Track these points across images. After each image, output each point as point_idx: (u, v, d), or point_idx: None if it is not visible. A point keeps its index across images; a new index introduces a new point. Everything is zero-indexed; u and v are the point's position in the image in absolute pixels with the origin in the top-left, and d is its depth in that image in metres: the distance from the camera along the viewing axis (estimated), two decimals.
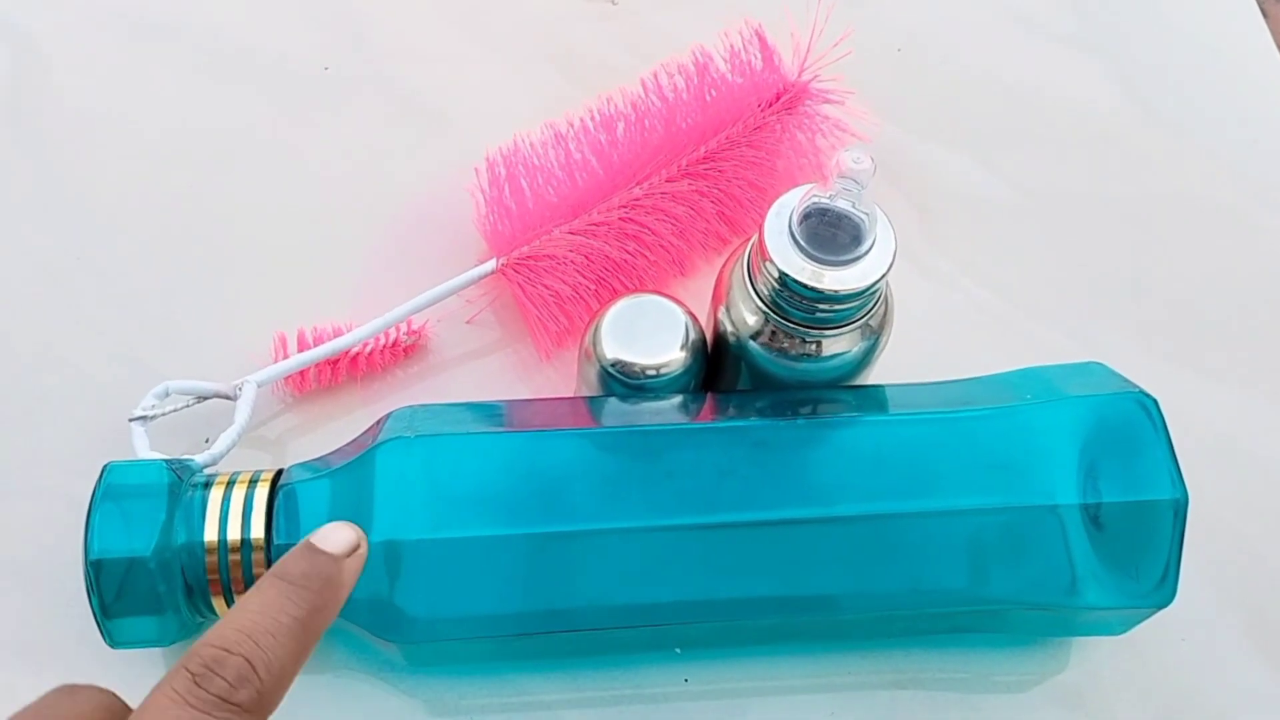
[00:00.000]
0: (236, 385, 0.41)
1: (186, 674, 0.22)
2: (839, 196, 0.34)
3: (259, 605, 0.24)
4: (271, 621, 0.24)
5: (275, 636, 0.23)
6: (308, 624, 0.24)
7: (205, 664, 0.22)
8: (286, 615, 0.24)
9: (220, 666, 0.22)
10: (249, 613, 0.24)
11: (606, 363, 0.39)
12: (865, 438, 0.38)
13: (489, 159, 0.45)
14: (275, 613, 0.24)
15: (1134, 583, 0.36)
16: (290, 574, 0.25)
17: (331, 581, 0.25)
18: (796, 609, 0.37)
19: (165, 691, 0.22)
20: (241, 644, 0.23)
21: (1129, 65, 0.55)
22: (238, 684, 0.22)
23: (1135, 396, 0.37)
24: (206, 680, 0.22)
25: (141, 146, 0.49)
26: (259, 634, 0.23)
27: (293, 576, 0.25)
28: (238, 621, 0.24)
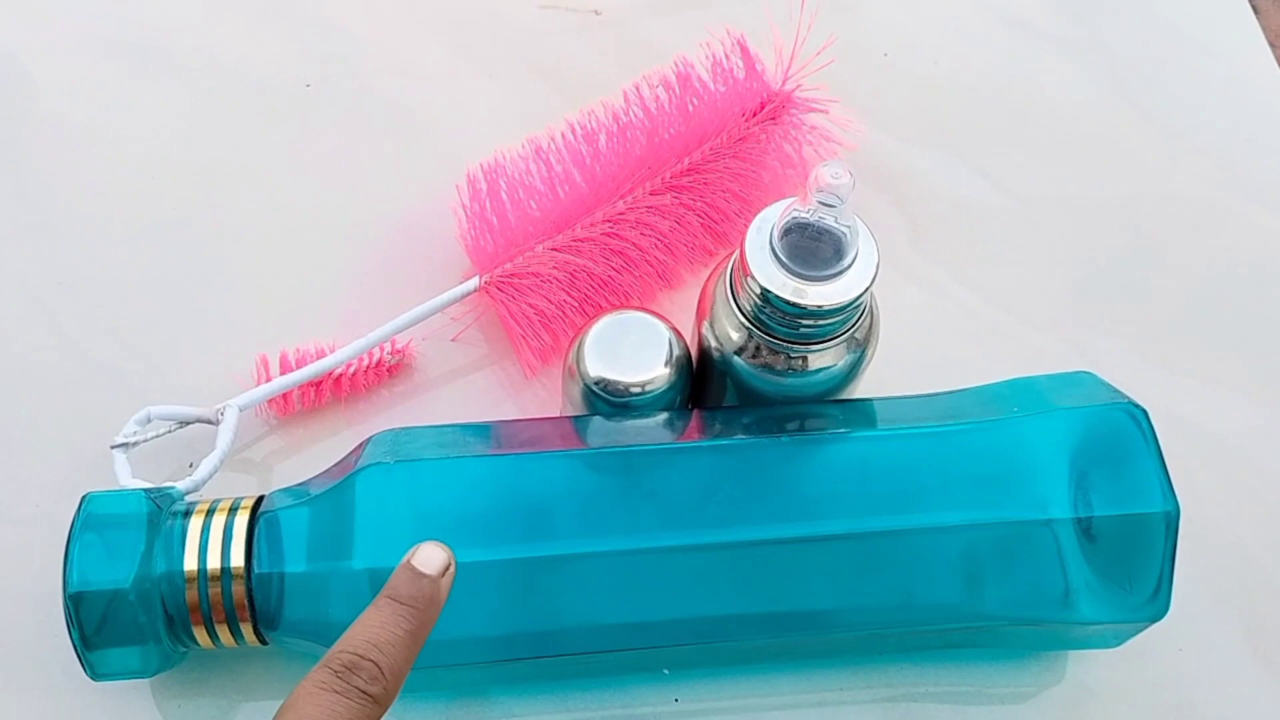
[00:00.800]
0: (219, 410, 0.41)
1: (329, 670, 0.27)
2: (818, 211, 0.34)
3: (378, 621, 0.29)
4: (390, 634, 0.29)
5: (395, 647, 0.28)
6: (416, 636, 0.29)
7: (344, 665, 0.28)
8: (401, 629, 0.29)
9: (357, 668, 0.28)
10: (372, 627, 0.29)
11: (590, 381, 0.39)
12: (853, 454, 0.38)
13: (470, 175, 0.44)
14: (392, 627, 0.29)
15: (1127, 596, 0.35)
16: (400, 595, 0.30)
17: (432, 600, 0.30)
18: (786, 628, 0.36)
19: (313, 681, 0.27)
20: (370, 651, 0.28)
21: (1119, 65, 0.54)
22: (371, 682, 0.27)
23: (1125, 407, 0.36)
24: (347, 676, 0.27)
25: (123, 167, 0.49)
26: (382, 644, 0.28)
27: (403, 597, 0.30)
28: (364, 634, 0.29)
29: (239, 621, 0.35)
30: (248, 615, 0.35)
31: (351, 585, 0.34)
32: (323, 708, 0.27)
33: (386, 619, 0.29)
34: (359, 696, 0.27)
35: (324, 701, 0.27)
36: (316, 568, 0.35)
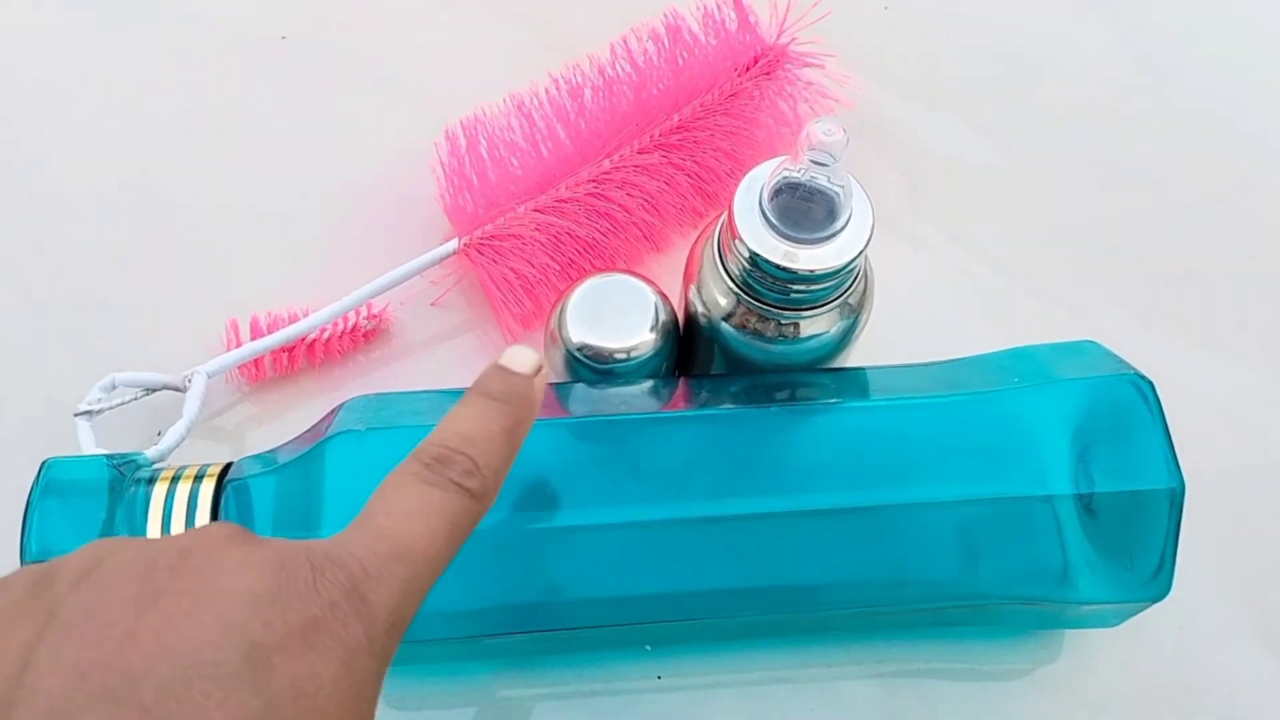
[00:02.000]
0: (186, 376, 0.39)
1: (419, 463, 0.25)
2: (810, 171, 0.32)
3: (471, 416, 0.26)
4: (484, 428, 0.26)
5: (489, 441, 0.26)
6: (512, 433, 0.26)
7: (434, 458, 0.25)
8: (495, 424, 0.26)
9: (448, 461, 0.25)
10: (464, 420, 0.26)
11: (572, 346, 0.38)
12: (846, 425, 0.36)
13: (449, 131, 0.43)
14: (485, 422, 0.26)
15: (1128, 575, 0.34)
16: (492, 391, 0.27)
17: (526, 399, 0.27)
18: (775, 605, 0.35)
19: (401, 472, 0.25)
20: (463, 445, 0.25)
21: (1127, 21, 0.52)
22: (466, 475, 0.25)
23: (1131, 379, 0.35)
24: (438, 468, 0.25)
25: (88, 124, 0.47)
26: (476, 438, 0.26)
27: (494, 393, 0.27)
28: (455, 428, 0.26)
29: None
30: None
31: None
32: (415, 498, 0.24)
33: (478, 414, 0.26)
34: (454, 489, 0.25)
35: (417, 492, 0.24)
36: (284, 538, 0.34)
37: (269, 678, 0.20)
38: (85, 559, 0.22)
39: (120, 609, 0.21)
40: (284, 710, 0.20)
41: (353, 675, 0.21)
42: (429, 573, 0.24)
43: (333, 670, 0.21)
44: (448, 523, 0.24)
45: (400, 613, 0.23)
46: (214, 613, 0.21)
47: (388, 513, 0.24)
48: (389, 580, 0.23)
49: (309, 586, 0.22)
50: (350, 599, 0.22)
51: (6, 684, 0.20)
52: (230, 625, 0.21)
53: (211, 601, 0.21)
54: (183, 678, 0.20)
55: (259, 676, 0.20)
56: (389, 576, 0.23)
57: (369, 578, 0.23)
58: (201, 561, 0.22)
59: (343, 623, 0.22)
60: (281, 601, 0.21)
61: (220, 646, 0.20)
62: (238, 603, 0.21)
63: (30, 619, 0.21)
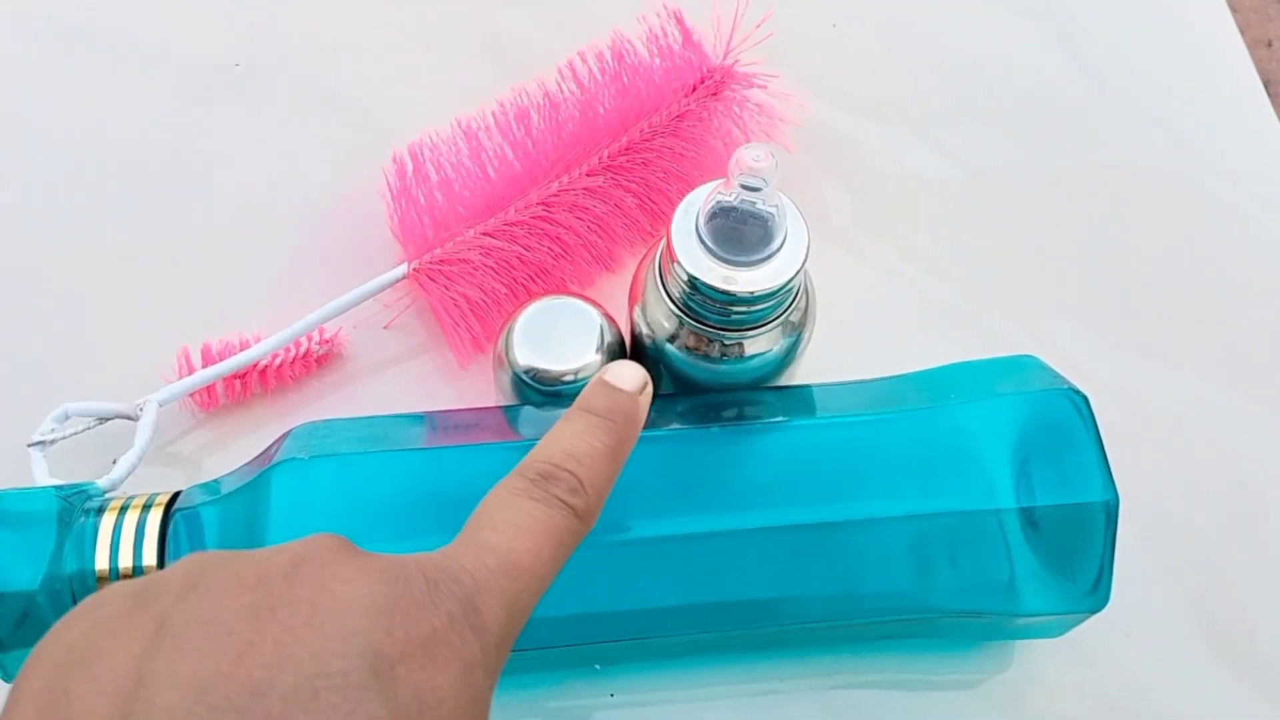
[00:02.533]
0: (138, 405, 0.40)
1: (524, 479, 0.25)
2: (742, 195, 0.32)
3: (574, 433, 0.26)
4: (588, 446, 0.26)
5: (594, 459, 0.26)
6: (616, 452, 0.26)
7: (539, 474, 0.25)
8: (600, 442, 0.26)
9: (554, 478, 0.25)
10: (568, 438, 0.26)
11: (519, 369, 0.38)
12: (791, 443, 0.37)
13: (396, 156, 0.43)
14: (590, 439, 0.26)
15: (1069, 586, 0.34)
16: (596, 408, 0.27)
17: (630, 417, 0.27)
18: (723, 622, 0.36)
19: (506, 488, 0.24)
20: (567, 462, 0.25)
21: (1076, 32, 0.53)
22: (571, 493, 0.25)
23: (1065, 393, 0.35)
24: (544, 484, 0.25)
25: (37, 151, 0.47)
26: (580, 455, 0.25)
27: (599, 410, 0.27)
28: (560, 445, 0.26)
29: None
30: None
31: None
32: (521, 514, 0.24)
33: (582, 430, 0.26)
34: (560, 506, 0.24)
35: (522, 508, 0.24)
36: None
37: (394, 688, 0.20)
38: (189, 571, 0.22)
39: (236, 619, 0.20)
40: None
41: (470, 689, 0.21)
42: (536, 588, 0.24)
43: (452, 682, 0.21)
44: (553, 540, 0.24)
45: (510, 627, 0.23)
46: (336, 622, 0.20)
47: (494, 527, 0.24)
48: (499, 594, 0.23)
49: (425, 598, 0.22)
50: (466, 612, 0.22)
51: (122, 699, 0.19)
52: (353, 634, 0.20)
53: (332, 610, 0.21)
54: (309, 688, 0.19)
55: (384, 687, 0.20)
56: (499, 590, 0.23)
57: (481, 591, 0.22)
58: (315, 571, 0.22)
59: (460, 635, 0.21)
60: (401, 611, 0.21)
61: (345, 656, 0.20)
62: (359, 612, 0.21)
63: (137, 631, 0.21)
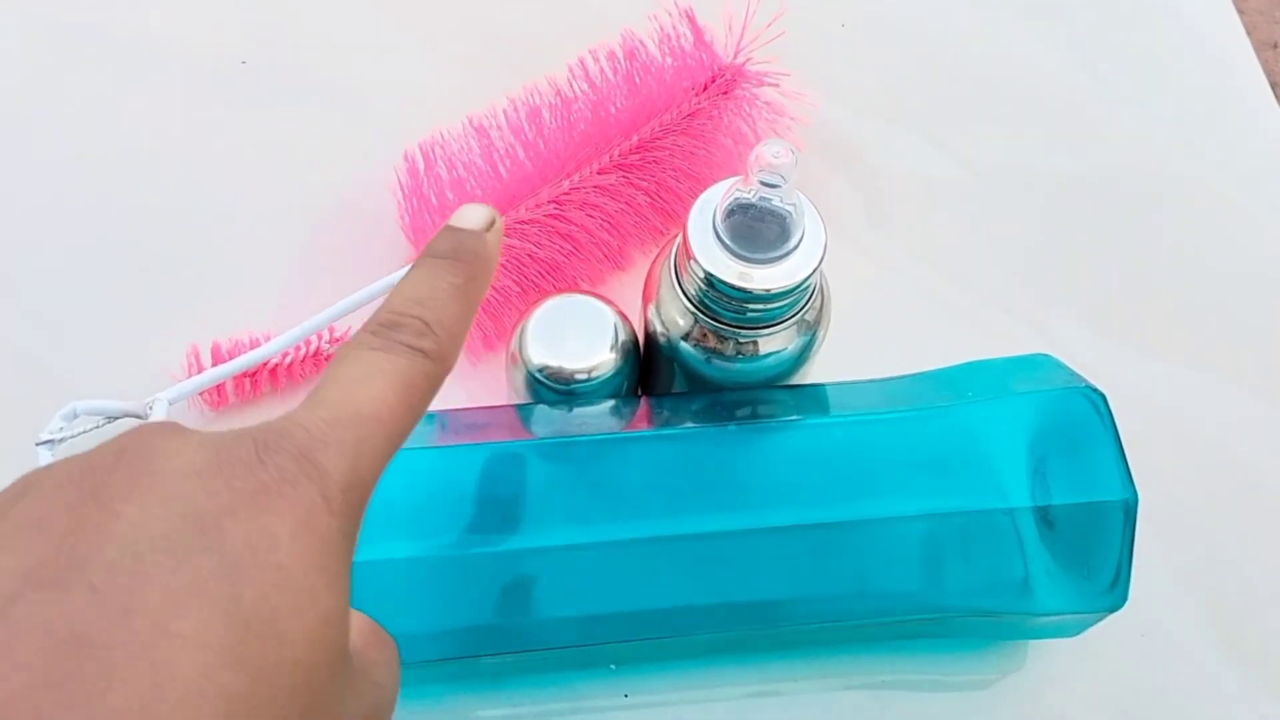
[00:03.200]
0: (147, 404, 0.39)
1: (367, 333, 0.24)
2: (760, 192, 0.32)
3: (417, 277, 0.26)
4: (431, 288, 0.25)
5: (439, 300, 0.25)
6: (465, 289, 0.26)
7: (383, 324, 0.24)
8: (444, 282, 0.25)
9: (398, 325, 0.24)
10: (410, 283, 0.26)
11: (533, 368, 0.38)
12: (806, 441, 0.36)
13: (408, 154, 0.43)
14: (433, 281, 0.25)
15: (1086, 585, 0.34)
16: (438, 250, 0.26)
17: (477, 253, 0.27)
18: (737, 621, 0.35)
19: (350, 345, 0.24)
20: (411, 308, 0.25)
21: (1085, 34, 0.53)
22: (418, 336, 0.24)
23: (1083, 391, 0.35)
24: (386, 333, 0.24)
25: (45, 148, 0.47)
26: (425, 299, 0.25)
27: (441, 252, 0.26)
28: (402, 293, 0.25)
29: None
30: None
31: None
32: (363, 365, 0.23)
33: (426, 274, 0.26)
34: (404, 350, 0.24)
35: (364, 359, 0.23)
36: None
37: (221, 539, 0.20)
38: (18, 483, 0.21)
39: (59, 512, 0.20)
40: (244, 568, 0.20)
41: (313, 533, 0.21)
42: (383, 435, 0.23)
43: (289, 528, 0.20)
44: (401, 385, 0.23)
45: (355, 473, 0.22)
46: (154, 491, 0.20)
47: (333, 383, 0.23)
48: (338, 445, 0.22)
49: (252, 457, 0.21)
50: (298, 462, 0.21)
51: None
52: (173, 498, 0.20)
53: (151, 483, 0.20)
54: (131, 553, 0.19)
55: (210, 540, 0.20)
56: (337, 441, 0.22)
57: (315, 442, 0.22)
58: (138, 452, 0.21)
59: (292, 484, 0.21)
60: (225, 471, 0.21)
61: (165, 519, 0.20)
62: (178, 478, 0.20)
63: None
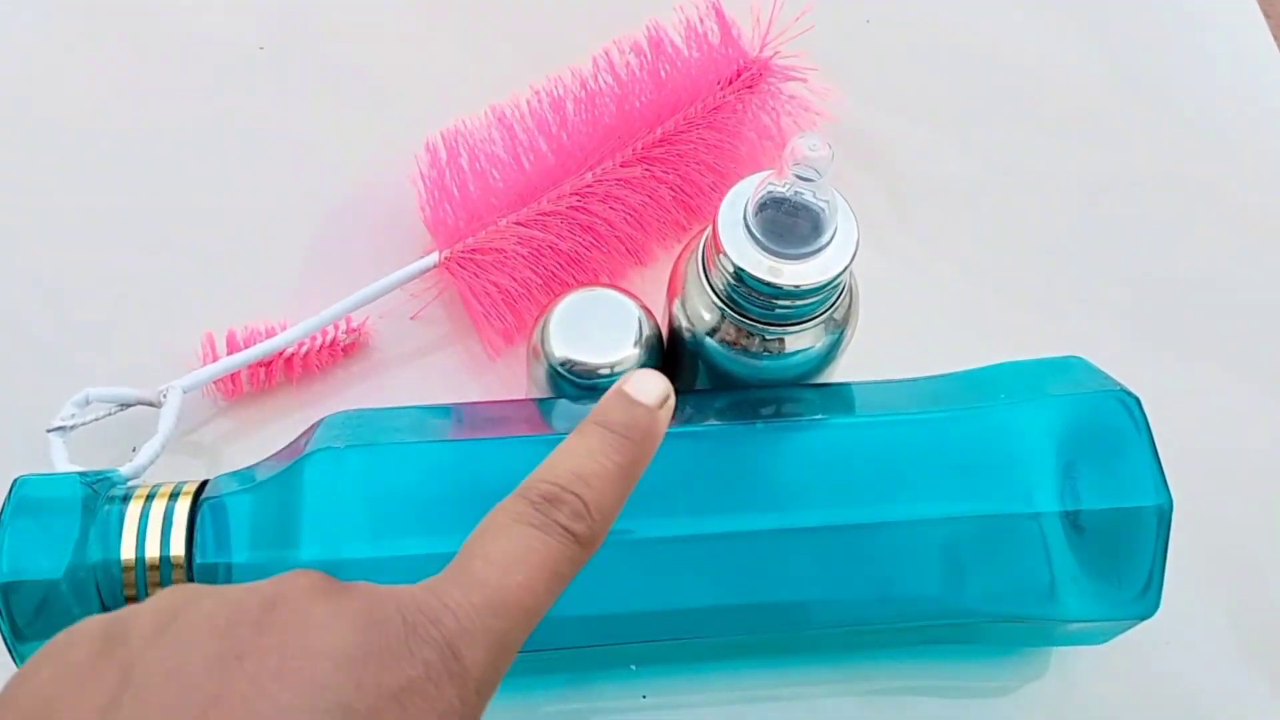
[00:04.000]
0: (161, 391, 0.39)
1: (525, 501, 0.23)
2: (795, 186, 0.32)
3: (587, 450, 0.25)
4: (599, 466, 0.24)
5: (604, 480, 0.24)
6: (630, 472, 0.25)
7: (543, 496, 0.23)
8: (612, 462, 0.24)
9: (559, 501, 0.23)
10: (578, 456, 0.24)
11: (555, 362, 0.37)
12: (831, 441, 0.36)
13: (429, 143, 0.42)
14: (602, 458, 0.24)
15: (1115, 592, 0.34)
16: (613, 423, 0.25)
17: (649, 433, 0.25)
18: (759, 623, 0.35)
19: (506, 511, 0.23)
20: (574, 484, 0.24)
21: (1111, 36, 0.52)
22: (574, 518, 0.23)
23: (1117, 395, 0.35)
24: (547, 509, 0.23)
25: (61, 133, 0.47)
26: (590, 477, 0.24)
27: (615, 425, 0.25)
28: (568, 463, 0.24)
29: None
30: None
31: None
32: (517, 543, 0.23)
33: (595, 448, 0.24)
34: (560, 534, 0.23)
35: (519, 536, 0.23)
36: (262, 557, 0.33)
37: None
38: (160, 610, 0.21)
39: (203, 670, 0.20)
40: None
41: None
42: (525, 626, 0.23)
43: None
44: (550, 571, 0.23)
45: (494, 670, 0.22)
46: (303, 675, 0.20)
47: (486, 558, 0.22)
48: (484, 636, 0.22)
49: (401, 643, 0.21)
50: (444, 658, 0.21)
51: None
52: (321, 688, 0.20)
53: (301, 662, 0.20)
54: None
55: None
56: (484, 631, 0.22)
57: (464, 633, 0.21)
58: (287, 616, 0.21)
59: (436, 684, 0.21)
60: (374, 661, 0.20)
61: (311, 711, 0.19)
62: (328, 663, 0.20)
63: (104, 680, 0.20)
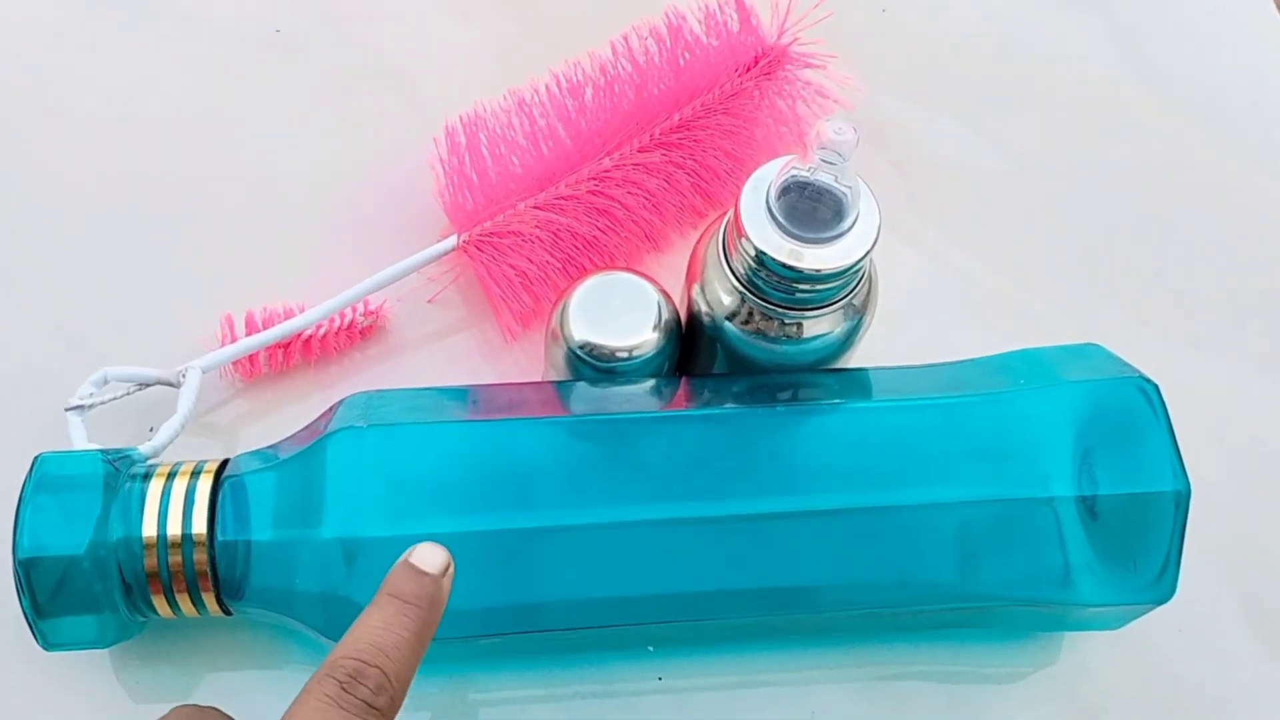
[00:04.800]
0: (180, 371, 0.39)
1: (334, 681, 0.26)
2: (819, 169, 0.32)
3: (382, 622, 0.27)
4: (395, 637, 0.27)
5: (400, 650, 0.27)
6: (421, 637, 0.28)
7: (349, 673, 0.26)
8: (406, 631, 0.27)
9: (362, 677, 0.26)
10: (375, 629, 0.27)
11: (575, 345, 0.37)
12: (848, 425, 0.36)
13: (449, 128, 0.42)
14: (397, 629, 0.27)
15: (1131, 577, 0.34)
16: (404, 594, 0.28)
17: (436, 600, 0.29)
18: (775, 606, 0.35)
19: (317, 695, 0.26)
20: (376, 657, 0.26)
21: (1126, 24, 0.52)
22: (377, 691, 0.26)
23: (1135, 381, 0.35)
24: (353, 687, 0.26)
25: (82, 117, 0.46)
26: (388, 648, 0.27)
27: (406, 595, 0.28)
28: (368, 636, 0.27)
29: (201, 591, 0.33)
30: (210, 584, 0.33)
31: (322, 555, 0.32)
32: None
33: (390, 619, 0.27)
34: (364, 711, 0.26)
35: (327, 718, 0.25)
36: (284, 536, 0.33)
37: None
38: None
39: None
40: None
41: None
42: None
43: None
44: None
45: None
46: None
47: None
48: None
49: None
50: None
51: None
52: None
53: None
54: None
55: None
56: None
57: None
58: None
59: None
60: None
61: None
62: None
63: None
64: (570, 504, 0.34)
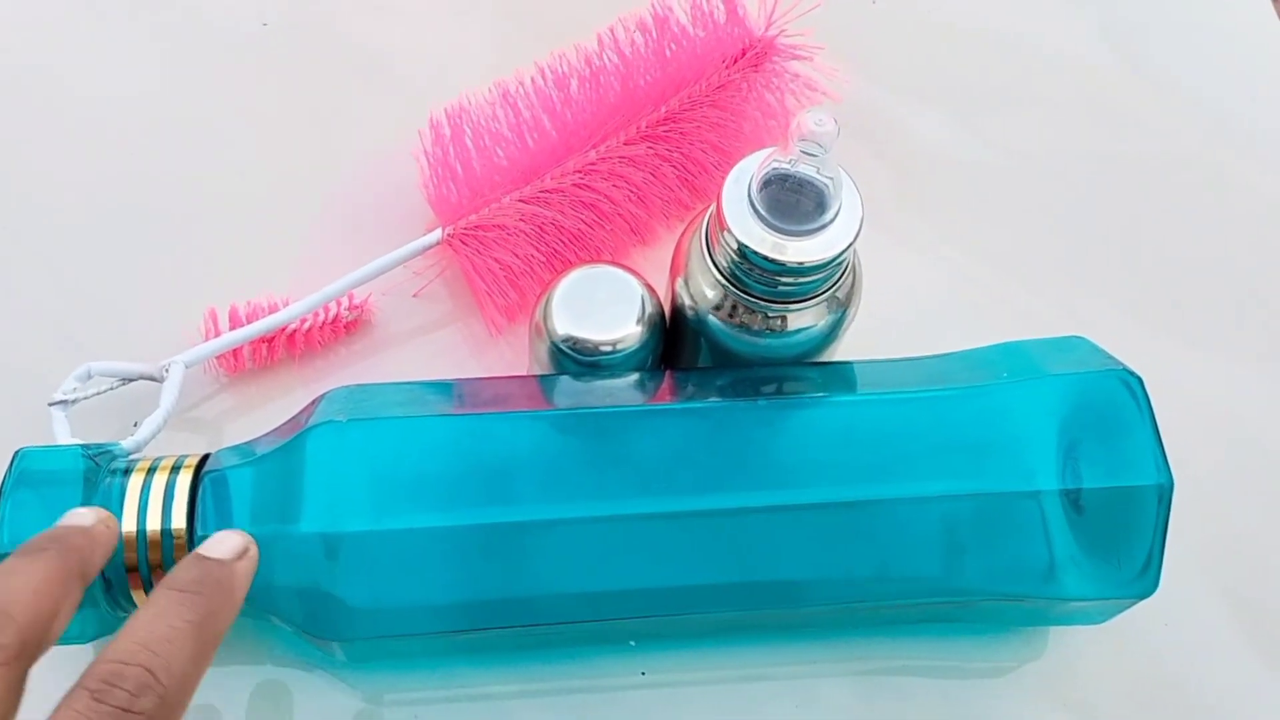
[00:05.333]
0: (163, 366, 0.39)
1: (85, 692, 0.22)
2: (800, 161, 0.31)
3: (151, 615, 0.25)
4: (166, 628, 0.24)
5: (171, 643, 0.24)
6: (203, 627, 0.25)
7: (103, 679, 0.23)
8: (180, 620, 0.24)
9: (119, 679, 0.23)
10: (142, 623, 0.24)
11: (558, 339, 0.37)
12: (832, 419, 0.36)
13: (433, 120, 0.42)
14: (169, 619, 0.24)
15: (1114, 571, 0.34)
16: (179, 582, 0.26)
17: (222, 585, 0.26)
18: (758, 600, 0.35)
19: (64, 714, 0.22)
20: (137, 654, 0.23)
21: (1118, 18, 0.52)
22: (138, 692, 0.23)
23: (1119, 374, 0.35)
24: (106, 694, 0.22)
25: (64, 109, 0.46)
26: (154, 642, 0.24)
27: (182, 584, 0.26)
28: (131, 635, 0.24)
29: None
30: None
31: (300, 549, 0.32)
32: None
33: (162, 611, 0.24)
34: (121, 717, 0.22)
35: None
36: (262, 530, 0.33)
37: None
38: None
39: None
40: None
41: None
42: None
43: None
44: None
45: None
46: None
47: None
48: None
49: None
50: None
51: None
52: None
53: None
54: None
55: None
56: None
57: None
58: None
59: None
60: None
61: None
62: None
63: None
64: (553, 498, 0.33)
